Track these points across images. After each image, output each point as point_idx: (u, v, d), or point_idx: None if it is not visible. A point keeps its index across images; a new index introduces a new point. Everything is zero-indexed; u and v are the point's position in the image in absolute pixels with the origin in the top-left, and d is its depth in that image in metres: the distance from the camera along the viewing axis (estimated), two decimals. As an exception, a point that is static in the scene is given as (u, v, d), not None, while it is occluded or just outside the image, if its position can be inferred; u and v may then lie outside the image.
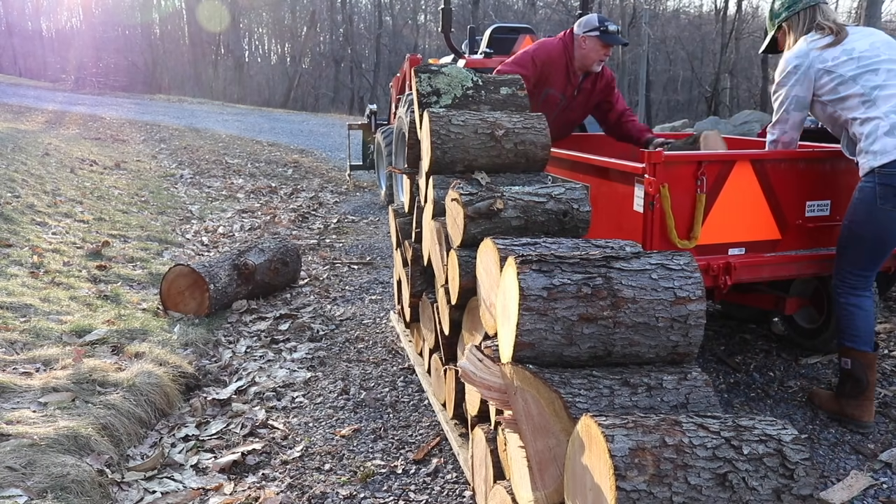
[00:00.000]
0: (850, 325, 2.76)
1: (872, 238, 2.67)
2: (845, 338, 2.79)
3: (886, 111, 2.61)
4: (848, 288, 2.76)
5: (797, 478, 1.29)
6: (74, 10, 44.03)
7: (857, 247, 2.70)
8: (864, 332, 2.75)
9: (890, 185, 2.57)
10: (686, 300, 1.67)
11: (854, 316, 2.75)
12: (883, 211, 2.61)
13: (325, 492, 2.44)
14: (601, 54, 3.75)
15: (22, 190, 6.72)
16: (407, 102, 5.49)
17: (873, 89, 2.64)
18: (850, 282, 2.76)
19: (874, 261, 2.73)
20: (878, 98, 2.63)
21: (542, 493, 1.55)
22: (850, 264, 2.74)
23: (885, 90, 2.64)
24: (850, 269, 2.75)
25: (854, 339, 2.77)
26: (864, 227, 2.66)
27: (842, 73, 2.70)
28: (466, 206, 2.26)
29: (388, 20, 34.14)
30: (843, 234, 2.75)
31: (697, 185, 2.73)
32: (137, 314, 4.04)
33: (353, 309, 4.38)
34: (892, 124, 2.58)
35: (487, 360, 1.79)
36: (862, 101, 2.66)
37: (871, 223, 2.64)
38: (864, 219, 2.66)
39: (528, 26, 7.11)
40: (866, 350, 2.74)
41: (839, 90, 2.71)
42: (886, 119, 2.60)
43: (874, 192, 2.61)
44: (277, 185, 9.23)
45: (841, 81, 2.70)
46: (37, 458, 2.33)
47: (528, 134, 2.69)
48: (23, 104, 17.83)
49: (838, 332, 2.84)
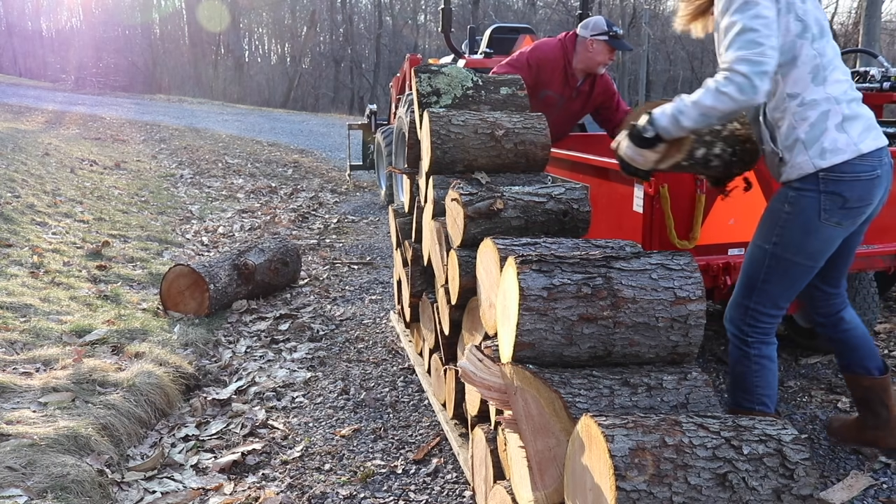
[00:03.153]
0: (763, 384, 2.17)
1: (805, 263, 2.08)
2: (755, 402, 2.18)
3: (837, 95, 2.01)
4: (759, 335, 2.16)
5: (797, 478, 1.29)
6: (74, 10, 44.12)
7: (782, 276, 2.10)
8: (774, 388, 2.22)
9: (837, 193, 2.00)
10: (686, 300, 1.67)
11: (767, 370, 2.18)
12: (827, 227, 2.03)
13: (325, 492, 2.44)
14: (607, 58, 3.78)
15: (22, 190, 6.72)
16: (407, 102, 5.49)
17: (826, 64, 2.01)
18: (763, 325, 2.15)
19: (797, 291, 2.15)
20: (828, 78, 2.01)
21: (542, 493, 1.55)
22: (768, 301, 2.14)
23: (835, 71, 2.03)
24: (768, 308, 2.14)
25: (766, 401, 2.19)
26: (797, 250, 2.06)
27: (807, 22, 1.99)
28: (466, 206, 2.26)
29: (388, 20, 34.14)
30: (760, 262, 2.12)
31: (697, 185, 2.73)
32: (137, 314, 4.04)
33: (353, 309, 4.38)
34: (846, 116, 2.00)
35: (487, 360, 1.79)
36: (812, 73, 1.99)
37: (810, 244, 2.05)
38: (799, 239, 2.05)
39: (528, 26, 7.11)
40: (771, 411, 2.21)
41: (797, 45, 1.98)
42: (838, 107, 2.00)
43: (817, 203, 2.01)
44: (277, 185, 9.23)
45: (802, 33, 1.98)
46: (37, 458, 2.33)
47: (528, 134, 2.69)
48: (23, 104, 17.84)
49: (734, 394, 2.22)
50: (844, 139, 1.99)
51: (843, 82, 2.04)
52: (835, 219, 2.03)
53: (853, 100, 2.05)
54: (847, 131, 2.00)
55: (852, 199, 2.02)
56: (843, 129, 2.00)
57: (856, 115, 2.03)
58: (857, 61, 11.19)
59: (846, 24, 21.86)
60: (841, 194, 2.00)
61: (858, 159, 2.00)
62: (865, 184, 2.02)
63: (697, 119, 1.94)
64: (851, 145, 1.99)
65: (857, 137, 2.01)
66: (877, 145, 2.04)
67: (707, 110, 1.91)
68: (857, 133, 2.01)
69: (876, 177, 2.04)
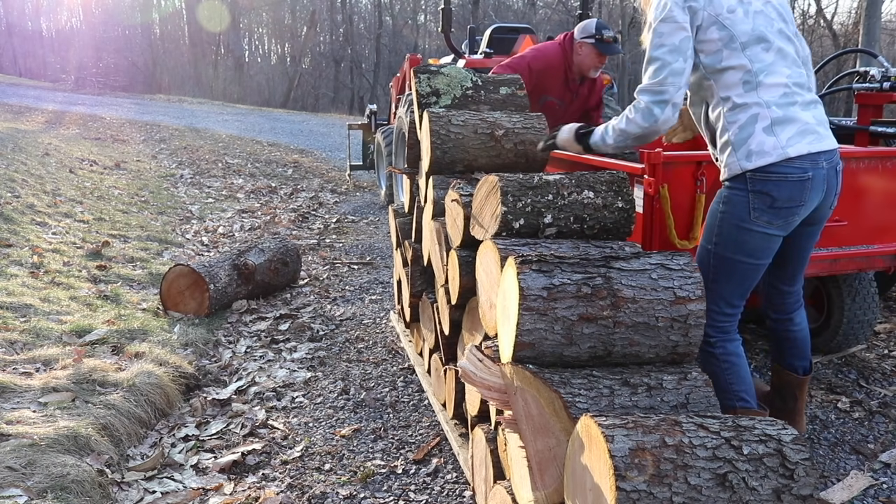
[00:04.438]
0: (736, 380, 2.23)
1: (747, 261, 2.15)
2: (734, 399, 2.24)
3: (768, 100, 2.06)
4: (720, 335, 2.22)
5: (797, 478, 1.29)
6: (74, 10, 44.09)
7: (728, 275, 2.18)
8: (749, 383, 2.26)
9: (765, 192, 2.05)
10: (686, 300, 1.67)
11: (737, 367, 2.23)
12: (758, 225, 2.09)
13: (325, 492, 2.44)
14: (596, 62, 3.75)
15: (22, 190, 6.72)
16: (407, 102, 5.49)
17: (760, 70, 2.07)
18: (721, 324, 2.21)
19: (748, 288, 2.22)
20: (762, 83, 2.07)
21: (542, 493, 1.55)
22: (721, 300, 2.20)
23: (772, 76, 2.08)
24: (721, 306, 2.20)
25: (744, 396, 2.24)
26: (736, 248, 2.13)
27: (734, 32, 2.08)
28: (466, 206, 2.26)
29: (388, 20, 34.14)
30: (707, 263, 2.19)
31: (697, 185, 2.73)
32: (137, 314, 4.04)
33: (353, 309, 4.38)
34: (775, 119, 2.05)
35: (487, 360, 1.79)
36: (743, 79, 2.07)
37: (745, 242, 2.12)
38: (735, 237, 2.12)
39: (528, 26, 7.11)
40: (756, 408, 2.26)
41: (723, 55, 2.09)
42: (767, 111, 2.05)
43: (746, 202, 2.08)
44: (277, 185, 9.23)
45: (728, 43, 2.08)
46: (37, 458, 2.33)
47: (527, 134, 2.69)
48: (23, 104, 17.84)
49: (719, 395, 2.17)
50: (772, 142, 2.04)
51: (780, 87, 2.08)
52: (764, 218, 2.08)
53: (791, 104, 2.08)
54: (776, 135, 2.05)
55: (780, 198, 2.06)
56: (772, 132, 2.05)
57: (789, 118, 2.07)
58: (857, 61, 11.19)
59: (846, 24, 21.85)
60: (769, 193, 2.06)
61: (785, 162, 2.04)
62: (794, 185, 2.06)
63: (617, 139, 2.24)
64: (778, 148, 2.04)
65: (786, 141, 2.04)
66: (809, 150, 2.05)
67: (621, 133, 2.21)
68: (786, 137, 2.05)
69: (807, 178, 2.06)
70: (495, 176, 2.08)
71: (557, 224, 2.05)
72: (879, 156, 2.89)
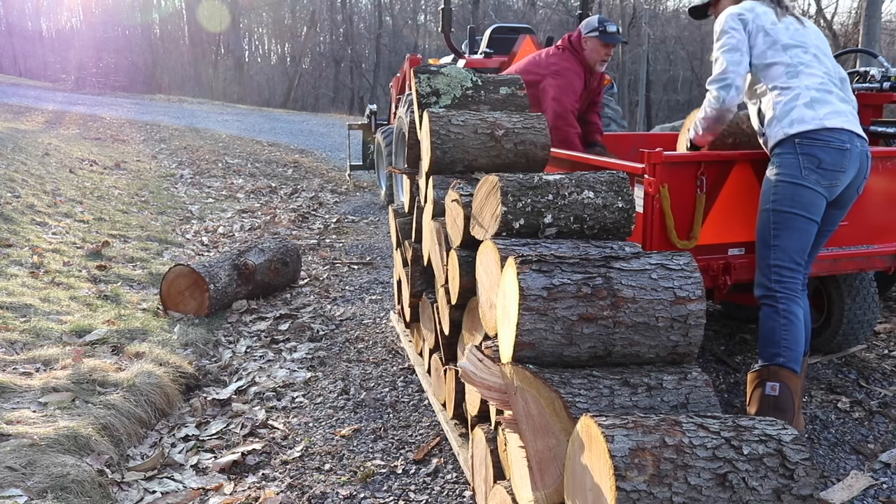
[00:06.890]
0: (790, 339, 2.42)
1: (803, 214, 2.45)
2: (779, 354, 2.41)
3: (808, 84, 2.53)
4: (787, 291, 2.46)
5: (797, 478, 1.29)
6: (74, 10, 44.05)
7: (789, 230, 2.46)
8: (799, 347, 2.44)
9: (812, 154, 2.43)
10: (686, 300, 1.67)
11: (795, 326, 2.43)
12: (809, 181, 2.43)
13: (325, 492, 2.44)
14: (602, 54, 3.86)
15: (22, 190, 6.72)
16: (407, 102, 5.49)
17: (800, 63, 2.57)
18: (786, 279, 2.46)
19: (806, 247, 2.49)
20: (802, 72, 2.55)
21: (542, 493, 1.55)
22: (784, 255, 2.46)
23: (810, 68, 2.57)
24: (785, 262, 2.46)
25: (789, 354, 2.40)
26: (792, 202, 2.45)
27: (777, 38, 2.61)
28: (466, 206, 2.26)
29: (388, 20, 34.14)
30: (768, 222, 2.50)
31: (697, 185, 2.73)
32: (137, 314, 4.04)
33: (353, 309, 4.38)
34: (813, 98, 2.49)
35: (487, 360, 1.79)
36: (786, 70, 2.57)
37: (800, 196, 2.44)
38: (791, 193, 2.45)
39: (528, 26, 7.11)
40: (796, 372, 2.42)
41: (768, 55, 2.60)
42: (807, 92, 2.51)
43: (797, 163, 2.44)
44: (277, 185, 9.23)
45: (772, 45, 2.60)
46: (37, 458, 2.33)
47: (527, 134, 2.69)
48: (23, 104, 17.83)
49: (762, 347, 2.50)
50: (811, 114, 2.47)
51: (818, 76, 2.57)
52: (813, 177, 2.44)
53: (828, 91, 2.54)
54: (815, 109, 2.48)
55: (826, 161, 2.44)
56: (812, 107, 2.49)
57: (826, 100, 2.52)
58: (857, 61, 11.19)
59: (846, 24, 21.82)
60: (816, 156, 2.44)
61: (826, 131, 2.45)
62: (837, 151, 2.45)
63: (703, 126, 2.80)
64: (817, 119, 2.46)
65: (823, 115, 2.47)
66: (842, 125, 2.47)
67: (703, 120, 2.77)
68: (823, 112, 2.48)
69: (846, 149, 2.45)
70: (495, 176, 2.08)
71: (557, 224, 2.05)
72: (879, 156, 2.88)
